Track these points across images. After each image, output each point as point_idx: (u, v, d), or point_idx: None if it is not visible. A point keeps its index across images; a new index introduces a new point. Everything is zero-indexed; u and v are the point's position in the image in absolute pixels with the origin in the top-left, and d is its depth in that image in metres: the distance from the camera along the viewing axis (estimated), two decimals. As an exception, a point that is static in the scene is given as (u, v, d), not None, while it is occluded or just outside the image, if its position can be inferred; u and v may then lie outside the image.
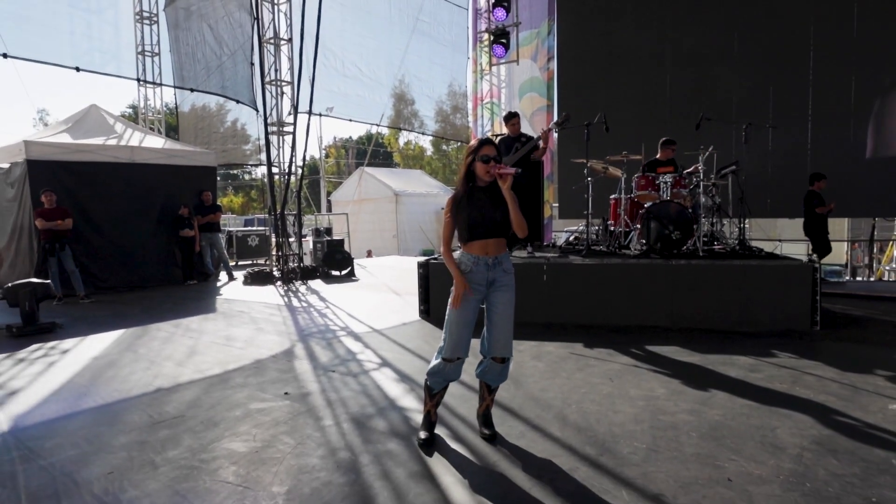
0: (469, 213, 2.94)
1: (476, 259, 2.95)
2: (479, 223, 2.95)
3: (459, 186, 3.03)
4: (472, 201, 2.95)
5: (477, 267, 2.95)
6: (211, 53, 12.26)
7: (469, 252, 2.98)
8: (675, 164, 7.06)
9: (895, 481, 2.57)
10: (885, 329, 5.67)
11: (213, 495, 2.59)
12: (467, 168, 2.99)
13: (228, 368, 4.61)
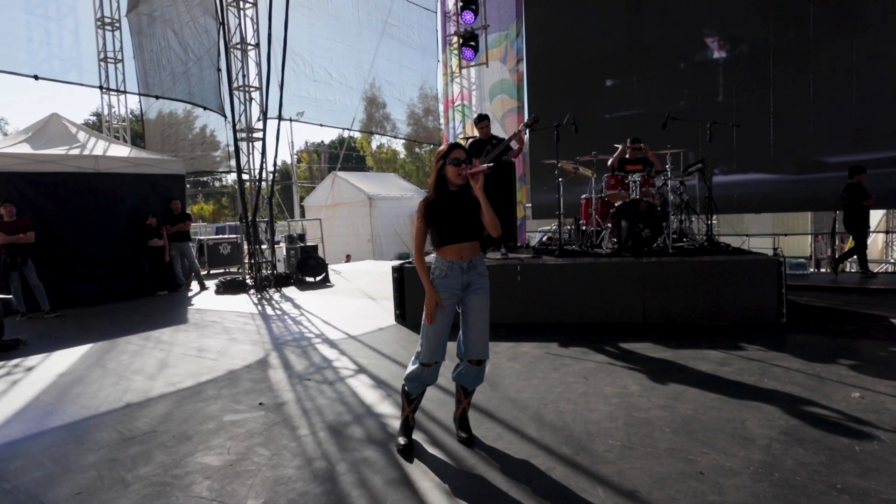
0: (442, 217, 2.94)
1: (451, 263, 2.94)
2: (453, 227, 2.95)
3: (431, 191, 3.02)
4: (445, 205, 2.95)
5: (451, 272, 2.95)
6: (176, 59, 12.05)
7: (443, 257, 2.97)
8: (644, 162, 7.17)
9: (859, 468, 2.65)
10: (848, 319, 5.83)
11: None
12: (438, 172, 2.98)
13: (201, 380, 4.53)
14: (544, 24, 11.10)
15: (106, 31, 12.69)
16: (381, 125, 17.35)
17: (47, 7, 11.03)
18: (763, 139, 8.79)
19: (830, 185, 8.40)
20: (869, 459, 2.73)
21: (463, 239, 2.97)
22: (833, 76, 8.30)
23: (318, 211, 20.06)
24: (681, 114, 7.29)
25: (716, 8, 9.05)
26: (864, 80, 8.09)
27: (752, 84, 8.84)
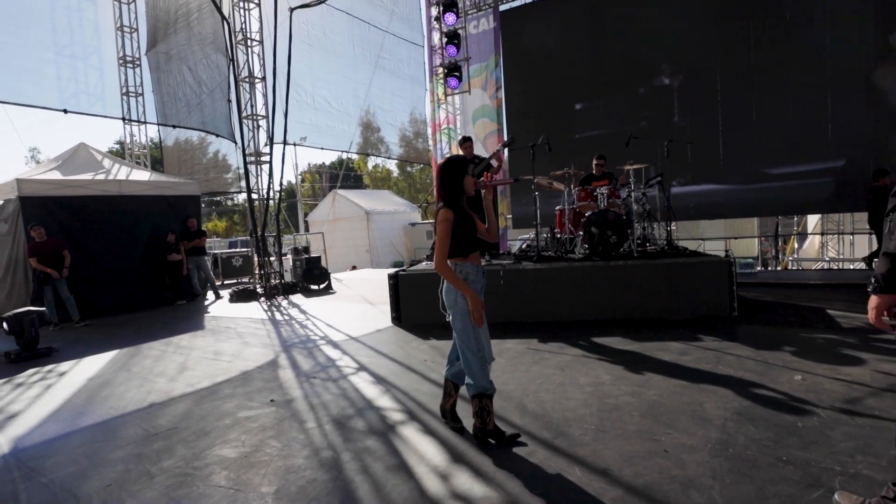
0: (466, 225, 2.84)
1: (476, 268, 2.89)
2: (472, 235, 2.88)
3: (453, 202, 2.84)
4: (466, 214, 2.87)
5: (477, 276, 2.89)
6: (191, 92, 12.01)
7: (469, 263, 2.87)
8: (610, 176, 7.24)
9: (801, 442, 2.69)
10: (791, 311, 5.90)
11: (207, 499, 2.53)
12: (458, 183, 2.86)
13: (217, 381, 4.49)
14: (519, 57, 11.19)
15: (128, 68, 12.62)
16: (375, 147, 17.39)
17: (74, 48, 11.00)
18: (713, 154, 8.91)
19: (772, 193, 8.53)
20: (810, 434, 2.77)
21: (479, 245, 2.93)
22: (773, 97, 8.43)
23: (321, 225, 20.00)
24: (641, 133, 7.36)
25: (670, 40, 9.19)
26: (799, 100, 8.23)
27: (702, 106, 8.96)
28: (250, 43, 10.92)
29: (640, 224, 6.99)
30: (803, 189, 8.17)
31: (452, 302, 2.84)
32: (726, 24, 8.67)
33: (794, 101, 8.27)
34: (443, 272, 2.80)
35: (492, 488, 2.43)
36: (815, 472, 2.40)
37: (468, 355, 2.86)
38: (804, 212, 11.47)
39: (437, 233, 2.79)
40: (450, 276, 2.80)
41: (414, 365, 4.55)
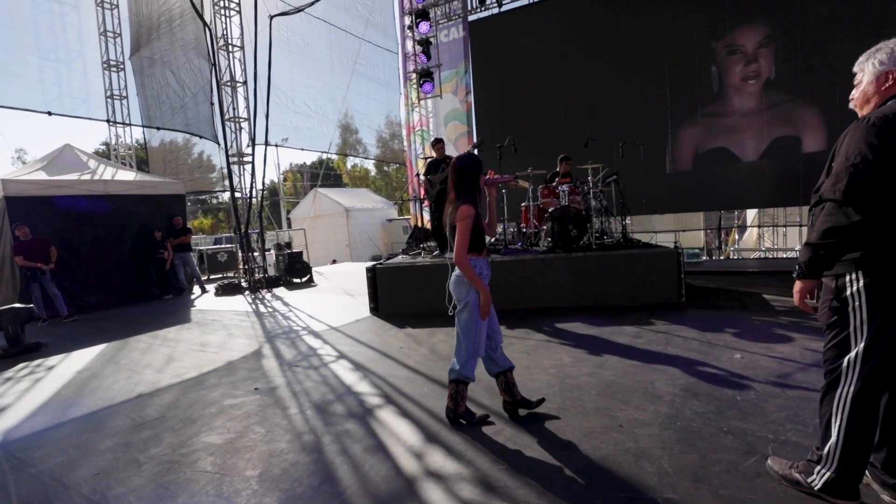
0: (479, 222, 2.78)
1: (486, 263, 2.85)
2: (482, 231, 2.84)
3: (472, 199, 2.76)
4: (478, 212, 2.80)
5: (487, 271, 2.85)
6: (174, 95, 11.64)
7: (482, 258, 2.82)
8: (570, 175, 7.31)
9: (740, 413, 2.78)
10: (732, 296, 6.08)
11: (193, 484, 2.47)
12: (476, 181, 2.80)
13: (203, 371, 4.39)
14: (487, 64, 11.17)
15: (112, 72, 12.16)
16: (354, 148, 17.19)
17: (58, 52, 10.53)
18: (662, 154, 9.09)
19: (715, 189, 8.75)
20: (747, 406, 2.87)
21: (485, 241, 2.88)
22: (715, 101, 8.63)
23: (303, 222, 19.69)
24: (599, 135, 7.44)
25: (623, 50, 9.30)
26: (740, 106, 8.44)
27: (652, 110, 9.11)
28: (231, 48, 10.63)
29: (599, 219, 7.09)
30: (743, 186, 8.41)
31: (464, 295, 2.77)
32: (674, 35, 8.83)
33: (732, 102, 8.49)
34: (464, 267, 2.70)
35: (462, 465, 2.44)
36: (751, 440, 2.48)
37: (465, 344, 2.80)
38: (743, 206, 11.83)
39: (458, 228, 2.68)
40: (469, 271, 2.71)
41: (390, 352, 4.53)
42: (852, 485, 1.90)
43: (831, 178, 1.78)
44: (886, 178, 1.68)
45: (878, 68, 1.83)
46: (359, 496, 2.25)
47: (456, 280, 2.81)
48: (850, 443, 1.86)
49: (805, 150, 8.05)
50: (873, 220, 1.70)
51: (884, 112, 1.73)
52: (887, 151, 1.67)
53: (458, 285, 2.80)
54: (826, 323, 1.93)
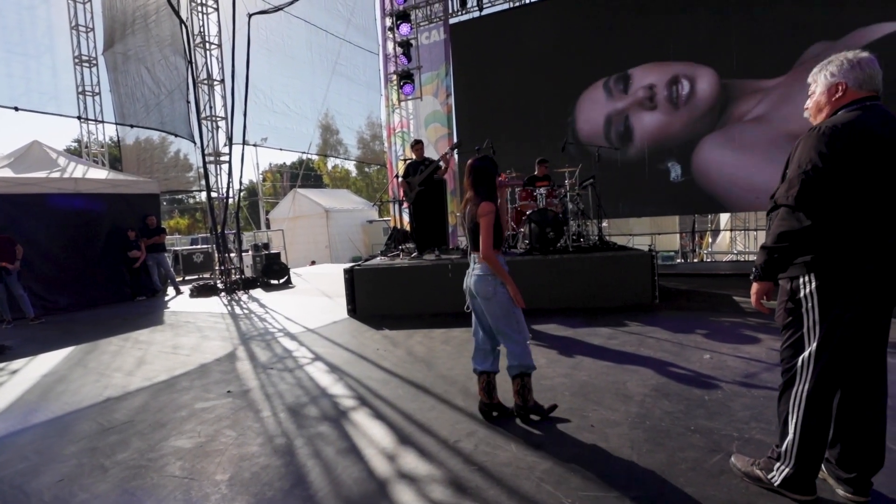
0: (499, 219, 2.84)
1: (504, 259, 2.89)
2: (502, 227, 2.90)
3: (491, 196, 2.83)
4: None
5: (506, 265, 2.88)
6: (149, 93, 11.39)
7: (500, 254, 2.87)
8: (549, 178, 7.40)
9: (707, 413, 2.85)
10: (703, 298, 6.22)
11: (161, 489, 2.42)
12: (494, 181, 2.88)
13: (175, 374, 4.31)
14: (467, 67, 11.23)
15: (84, 67, 11.84)
16: (335, 149, 17.11)
17: (26, 46, 10.22)
18: (640, 159, 9.25)
19: (689, 194, 8.94)
20: (714, 405, 2.94)
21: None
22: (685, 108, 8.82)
23: (282, 223, 19.45)
24: (576, 139, 7.55)
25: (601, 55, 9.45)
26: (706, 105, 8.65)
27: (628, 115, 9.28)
28: (209, 46, 10.47)
29: (576, 221, 7.18)
30: (715, 190, 8.61)
31: (491, 292, 2.78)
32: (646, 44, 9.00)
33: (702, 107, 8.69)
34: (492, 262, 2.75)
35: (435, 466, 2.45)
36: (717, 438, 2.55)
37: (514, 337, 2.81)
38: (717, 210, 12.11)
39: (482, 224, 2.73)
40: (497, 266, 2.76)
41: (367, 354, 4.52)
42: (809, 480, 1.97)
43: (785, 185, 1.85)
44: (835, 185, 1.75)
45: (830, 80, 1.91)
46: (330, 499, 2.24)
47: (479, 279, 2.81)
48: (806, 439, 1.92)
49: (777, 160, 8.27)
50: (823, 224, 1.77)
51: (833, 122, 1.81)
52: (836, 160, 1.74)
53: (482, 283, 2.80)
54: (782, 324, 2.00)
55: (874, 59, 1.88)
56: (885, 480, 2.05)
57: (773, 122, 8.15)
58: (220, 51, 10.60)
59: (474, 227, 2.80)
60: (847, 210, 1.77)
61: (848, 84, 1.87)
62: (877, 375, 1.93)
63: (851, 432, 1.96)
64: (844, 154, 1.75)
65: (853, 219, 1.78)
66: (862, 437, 1.94)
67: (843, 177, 1.74)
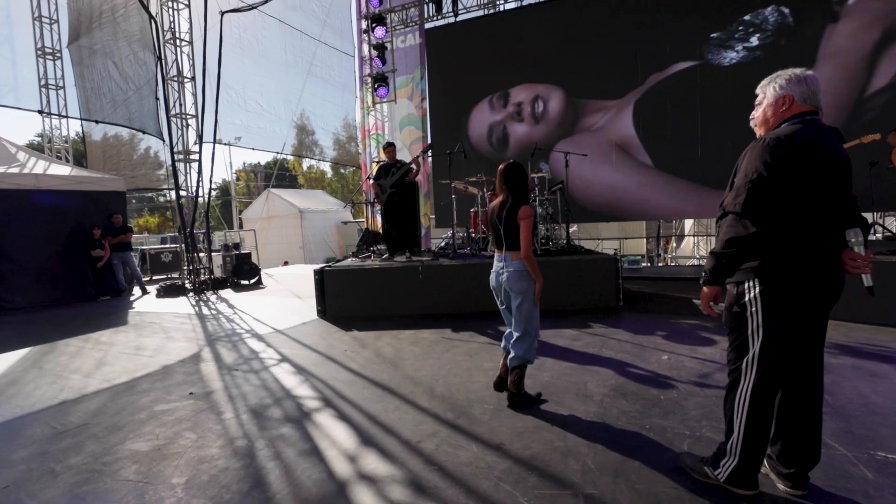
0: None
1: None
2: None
3: (527, 199, 3.04)
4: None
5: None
6: (117, 88, 11.03)
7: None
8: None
9: (662, 412, 2.92)
10: (666, 301, 6.38)
11: (114, 493, 2.34)
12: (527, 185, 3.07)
13: (136, 376, 4.17)
14: (442, 71, 11.25)
15: (47, 59, 11.39)
16: (310, 149, 16.92)
17: (-17, 36, 9.77)
18: (608, 164, 9.44)
19: (654, 199, 9.16)
20: (669, 405, 3.02)
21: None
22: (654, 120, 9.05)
23: (255, 223, 19.07)
24: (545, 145, 7.65)
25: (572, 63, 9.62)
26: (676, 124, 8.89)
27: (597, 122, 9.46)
28: (179, 42, 10.22)
29: (544, 225, 7.26)
30: (679, 197, 8.84)
31: (524, 288, 3.01)
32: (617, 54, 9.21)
33: (671, 125, 8.94)
34: (531, 261, 2.97)
35: (396, 467, 2.44)
36: (670, 436, 2.62)
37: (531, 331, 3.07)
38: (681, 216, 12.45)
39: (522, 227, 2.93)
40: (534, 265, 2.98)
41: (334, 355, 4.47)
42: (752, 475, 2.04)
43: (733, 193, 1.91)
44: (779, 194, 1.82)
45: (778, 92, 1.99)
46: (288, 500, 2.20)
47: (516, 275, 3.01)
48: (749, 437, 1.99)
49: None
50: (768, 231, 1.84)
51: (778, 133, 1.88)
52: (780, 170, 1.82)
53: (518, 279, 3.01)
54: (728, 326, 2.07)
55: (817, 77, 1.98)
56: (822, 475, 2.14)
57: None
58: (191, 48, 10.35)
59: (510, 227, 3.00)
60: (788, 219, 1.85)
61: (794, 97, 1.95)
62: (815, 375, 2.02)
63: (791, 429, 2.04)
64: (787, 164, 1.82)
65: (794, 227, 1.86)
66: (800, 433, 2.02)
67: (785, 186, 1.81)
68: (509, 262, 3.05)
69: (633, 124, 9.22)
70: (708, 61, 8.60)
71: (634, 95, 9.18)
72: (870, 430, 2.58)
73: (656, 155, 9.06)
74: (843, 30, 7.65)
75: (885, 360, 3.66)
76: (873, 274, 1.94)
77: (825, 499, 2.02)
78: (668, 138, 8.96)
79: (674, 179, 8.90)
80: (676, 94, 8.84)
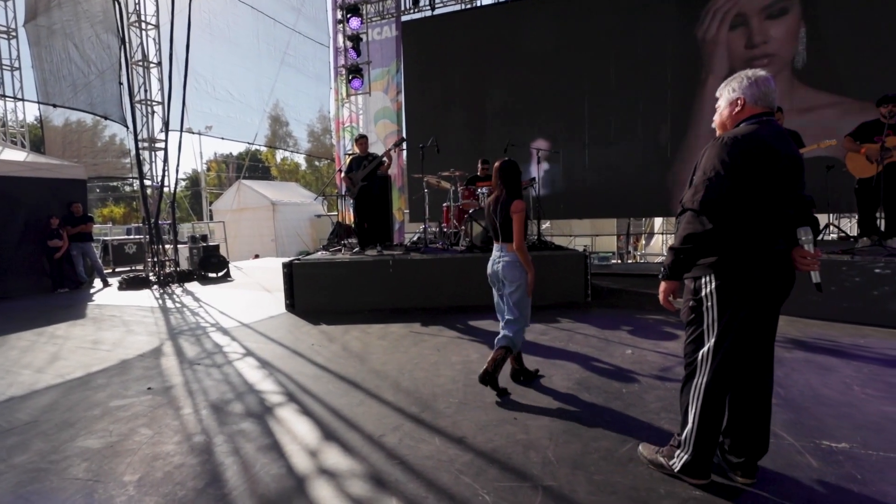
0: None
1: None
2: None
3: (520, 194, 3.23)
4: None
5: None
6: (78, 71, 10.56)
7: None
8: (489, 178, 7.47)
9: (623, 404, 2.97)
10: (632, 297, 6.50)
11: (60, 493, 2.25)
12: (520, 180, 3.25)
13: (92, 371, 4.02)
14: (418, 65, 11.16)
15: (1, 39, 10.81)
16: (284, 141, 16.60)
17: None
18: (580, 162, 9.55)
19: (627, 197, 9.31)
20: (630, 397, 3.07)
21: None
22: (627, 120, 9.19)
23: (225, 214, 18.63)
24: (518, 141, 7.68)
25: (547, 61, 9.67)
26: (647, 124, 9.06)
27: (572, 121, 9.54)
28: (145, 26, 9.84)
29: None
30: (649, 195, 9.01)
31: (517, 278, 3.18)
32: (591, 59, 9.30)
33: (642, 124, 9.09)
34: (523, 252, 3.16)
35: (357, 461, 2.41)
36: (629, 428, 2.66)
37: (521, 318, 3.24)
38: (650, 214, 12.70)
39: (515, 220, 3.11)
40: (527, 256, 3.17)
41: (301, 349, 4.40)
42: (705, 465, 2.09)
43: (692, 190, 1.95)
44: (735, 192, 1.86)
45: (731, 95, 2.03)
46: (244, 497, 2.15)
47: (509, 265, 3.19)
48: (703, 428, 2.04)
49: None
50: (724, 228, 1.88)
51: (734, 133, 1.92)
52: (736, 168, 1.85)
53: (512, 269, 3.18)
54: (686, 320, 2.11)
55: (770, 78, 2.02)
56: (770, 464, 2.22)
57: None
58: (157, 31, 9.98)
59: (504, 220, 3.17)
60: (743, 216, 1.89)
61: (746, 100, 2.00)
62: (765, 368, 2.08)
63: (742, 421, 2.10)
64: (742, 163, 1.86)
65: (748, 224, 1.90)
66: (751, 424, 2.08)
67: (740, 185, 1.85)
68: (504, 252, 3.23)
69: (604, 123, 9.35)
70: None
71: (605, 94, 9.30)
72: (817, 421, 2.68)
73: (626, 153, 9.21)
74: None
75: (834, 354, 3.81)
76: (825, 271, 2.00)
77: (773, 486, 2.09)
78: (639, 137, 9.11)
79: (645, 177, 9.06)
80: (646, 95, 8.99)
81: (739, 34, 8.33)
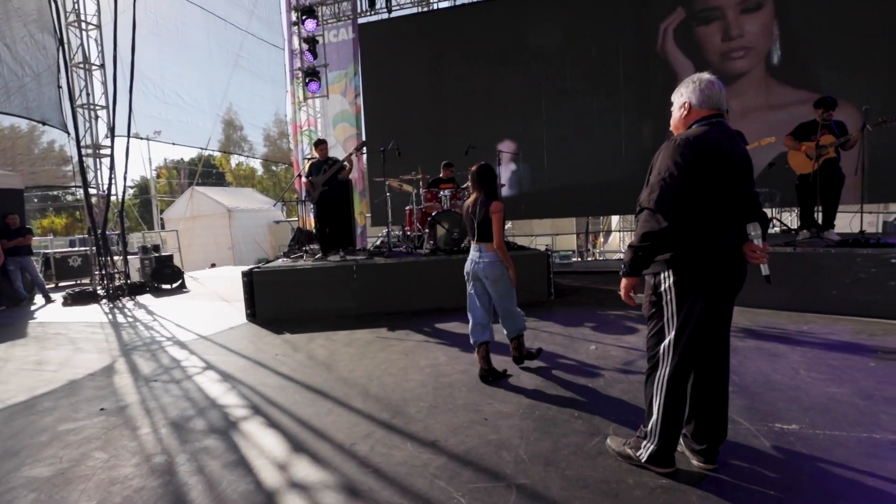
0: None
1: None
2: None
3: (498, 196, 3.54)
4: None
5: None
6: (10, 74, 9.85)
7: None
8: (453, 180, 7.51)
9: (590, 400, 3.04)
10: (593, 294, 6.67)
11: (6, 527, 2.09)
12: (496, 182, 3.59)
13: (37, 393, 3.76)
14: (376, 67, 11.10)
15: (-81, 38, 9.97)
16: (238, 145, 16.09)
17: None
18: (540, 165, 9.73)
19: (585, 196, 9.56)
20: (596, 392, 3.15)
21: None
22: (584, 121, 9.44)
23: (178, 223, 17.90)
24: (479, 143, 7.75)
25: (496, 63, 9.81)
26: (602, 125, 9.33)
27: (532, 123, 9.72)
28: (85, 26, 9.34)
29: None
30: (606, 194, 9.28)
31: (499, 274, 3.44)
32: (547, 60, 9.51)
33: (598, 125, 9.36)
34: (503, 250, 3.41)
35: (328, 472, 2.37)
36: (597, 422, 2.73)
37: (512, 309, 3.55)
38: (607, 212, 13.11)
39: (494, 220, 3.37)
40: (506, 254, 3.43)
41: (264, 360, 4.27)
42: (669, 454, 2.17)
43: (648, 189, 2.02)
44: (687, 191, 1.94)
45: (680, 99, 2.13)
46: (211, 517, 2.07)
47: (490, 265, 3.44)
48: (667, 418, 2.12)
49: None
50: (679, 225, 1.96)
51: (687, 135, 2.01)
52: (688, 169, 1.94)
53: (493, 268, 3.44)
54: (647, 315, 2.19)
55: (715, 80, 2.12)
56: (729, 448, 2.32)
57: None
58: (99, 32, 9.48)
59: (483, 221, 3.41)
60: (697, 213, 1.98)
61: (691, 103, 2.10)
62: (722, 357, 2.18)
63: (702, 409, 2.19)
64: (694, 164, 1.94)
65: (701, 221, 1.99)
66: (710, 412, 2.18)
67: (693, 183, 1.94)
68: (484, 252, 3.46)
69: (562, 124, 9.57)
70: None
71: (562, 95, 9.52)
72: (769, 405, 2.83)
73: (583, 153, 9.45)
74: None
75: (782, 341, 4.04)
76: (771, 263, 2.12)
77: (732, 470, 2.19)
78: (594, 137, 9.37)
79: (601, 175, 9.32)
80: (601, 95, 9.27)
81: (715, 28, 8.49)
